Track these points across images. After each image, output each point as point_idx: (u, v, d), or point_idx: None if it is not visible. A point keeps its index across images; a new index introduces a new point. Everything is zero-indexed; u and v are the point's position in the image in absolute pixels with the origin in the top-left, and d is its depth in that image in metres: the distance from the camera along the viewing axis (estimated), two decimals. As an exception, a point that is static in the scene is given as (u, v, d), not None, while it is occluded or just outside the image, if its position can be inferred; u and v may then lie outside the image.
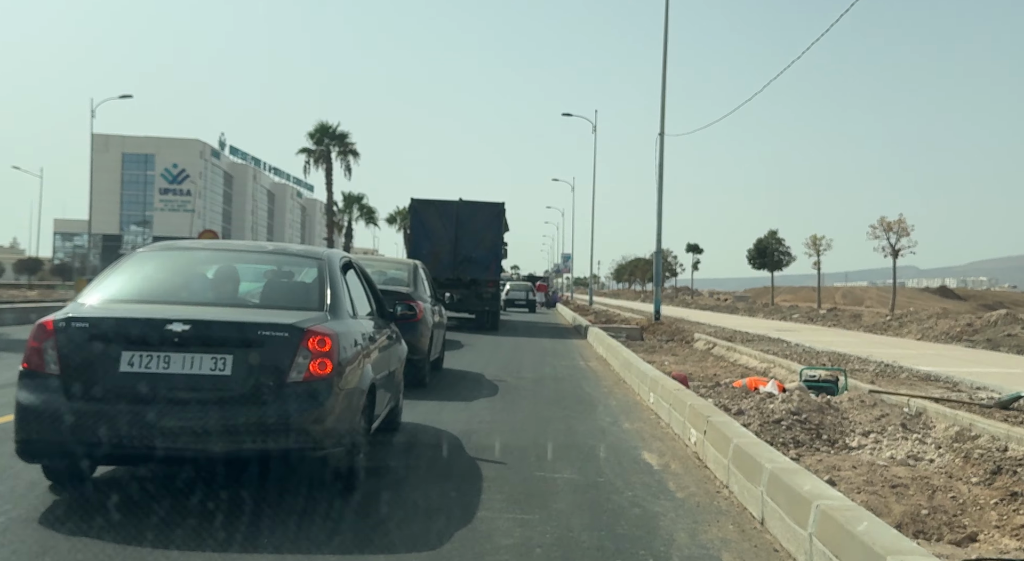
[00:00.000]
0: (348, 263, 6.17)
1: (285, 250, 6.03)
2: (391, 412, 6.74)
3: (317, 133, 51.99)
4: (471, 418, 7.76)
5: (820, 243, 46.98)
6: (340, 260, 5.86)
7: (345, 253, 6.29)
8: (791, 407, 6.93)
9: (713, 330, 21.07)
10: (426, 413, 8.12)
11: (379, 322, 6.47)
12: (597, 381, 11.50)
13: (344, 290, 5.58)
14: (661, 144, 24.71)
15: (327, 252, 5.83)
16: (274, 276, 5.82)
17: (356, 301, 6.07)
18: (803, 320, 29.58)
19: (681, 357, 15.61)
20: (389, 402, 6.46)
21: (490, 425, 7.38)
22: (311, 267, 5.71)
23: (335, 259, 5.76)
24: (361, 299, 6.32)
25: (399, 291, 10.11)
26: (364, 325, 5.68)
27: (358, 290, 6.34)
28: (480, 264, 22.31)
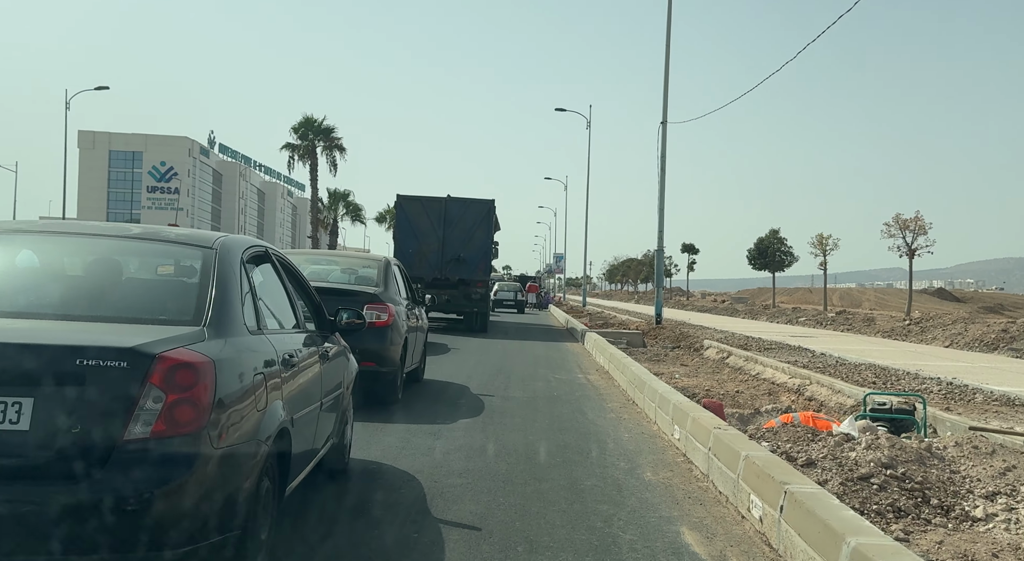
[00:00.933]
0: (260, 255, 4.24)
1: (156, 235, 4.09)
2: (334, 450, 5.02)
3: (301, 127, 49.89)
4: (442, 462, 5.81)
5: (827, 242, 45.05)
6: (244, 250, 3.93)
7: (258, 241, 4.34)
8: (881, 457, 4.99)
9: (723, 335, 19.16)
10: (387, 447, 6.25)
11: (313, 336, 4.62)
12: (601, 402, 9.55)
13: (239, 293, 3.66)
14: (663, 133, 22.84)
15: (221, 238, 3.91)
16: (132, 272, 3.88)
17: (269, 308, 4.12)
18: (812, 324, 27.71)
19: (692, 368, 13.69)
20: (328, 439, 4.79)
21: (465, 476, 5.42)
22: (192, 260, 3.78)
23: (233, 248, 3.84)
24: (280, 306, 4.38)
25: (365, 291, 8.62)
26: (277, 343, 3.80)
27: (276, 293, 4.39)
28: (468, 264, 21.26)
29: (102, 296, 3.57)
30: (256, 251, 4.14)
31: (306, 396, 4.14)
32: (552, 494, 5.07)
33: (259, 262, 4.23)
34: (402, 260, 19.55)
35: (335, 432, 4.98)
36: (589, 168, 49.48)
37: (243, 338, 3.43)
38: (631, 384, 10.04)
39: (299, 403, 3.96)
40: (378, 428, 7.04)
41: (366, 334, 7.86)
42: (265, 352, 3.59)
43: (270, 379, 3.51)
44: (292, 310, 4.47)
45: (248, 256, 3.95)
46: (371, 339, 7.97)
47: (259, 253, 4.20)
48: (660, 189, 22.85)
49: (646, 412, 8.57)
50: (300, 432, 3.93)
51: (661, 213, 22.96)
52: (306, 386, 4.17)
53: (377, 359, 8.08)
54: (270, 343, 3.71)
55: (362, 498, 4.85)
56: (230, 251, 3.76)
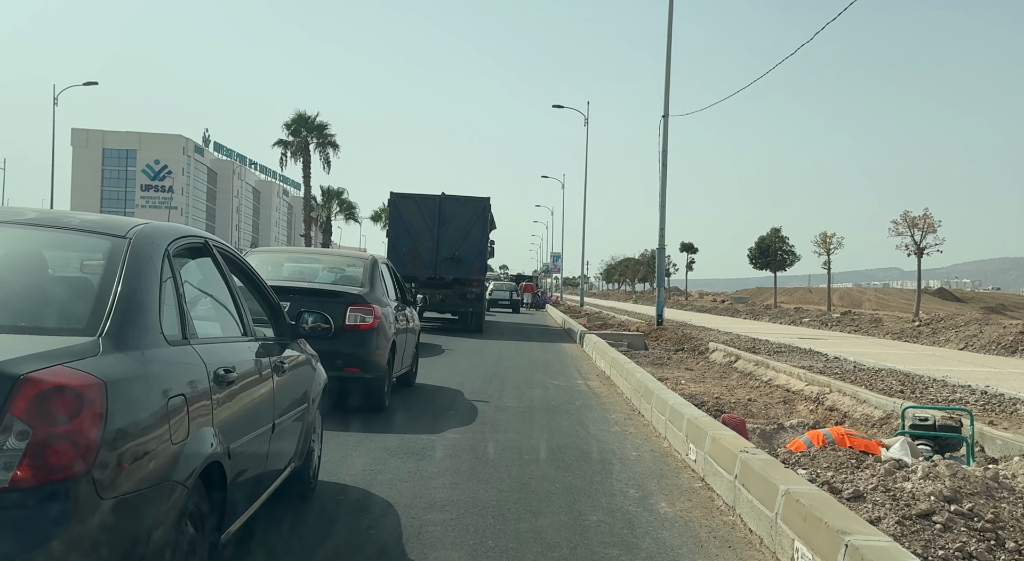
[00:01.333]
0: (195, 248, 3.46)
1: (55, 221, 3.28)
2: (296, 475, 4.35)
3: (294, 124, 49.04)
4: (423, 489, 4.99)
5: (831, 241, 44.13)
6: (170, 242, 3.14)
7: (194, 231, 3.53)
8: (942, 489, 4.18)
9: (728, 338, 18.35)
10: (363, 468, 5.49)
11: (267, 344, 3.93)
12: (604, 413, 8.73)
13: (156, 295, 2.85)
14: (665, 127, 22.04)
15: (139, 226, 3.11)
16: (17, 268, 3.06)
17: (205, 313, 3.43)
18: (817, 325, 26.91)
19: (698, 372, 12.89)
20: (288, 463, 4.13)
21: (448, 509, 4.60)
22: (97, 252, 2.97)
23: (153, 239, 3.05)
24: (222, 309, 3.62)
25: (349, 292, 8.04)
26: (209, 355, 3.06)
27: (217, 294, 3.64)
28: (464, 263, 20.77)
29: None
30: (188, 243, 3.35)
31: (251, 418, 3.39)
32: (551, 533, 4.24)
33: (193, 256, 3.47)
34: (396, 259, 19.34)
35: (297, 454, 4.28)
36: (587, 166, 48.81)
37: (157, 350, 2.68)
38: (636, 392, 9.23)
39: (240, 428, 3.21)
40: (357, 443, 6.23)
41: (350, 338, 7.59)
42: (189, 367, 2.85)
43: (195, 402, 2.77)
44: (237, 314, 3.69)
45: (177, 249, 3.17)
46: (355, 343, 7.60)
47: (193, 246, 3.43)
48: (661, 185, 22.06)
49: (654, 425, 7.76)
50: (241, 463, 3.20)
51: (662, 210, 22.17)
52: (251, 406, 3.40)
53: (361, 364, 7.60)
54: (198, 356, 2.95)
55: (321, 540, 4.02)
56: (148, 242, 2.98)
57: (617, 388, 10.85)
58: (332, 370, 7.45)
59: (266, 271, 8.56)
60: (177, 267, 3.11)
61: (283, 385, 3.88)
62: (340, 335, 7.43)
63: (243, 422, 3.25)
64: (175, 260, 3.10)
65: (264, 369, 3.63)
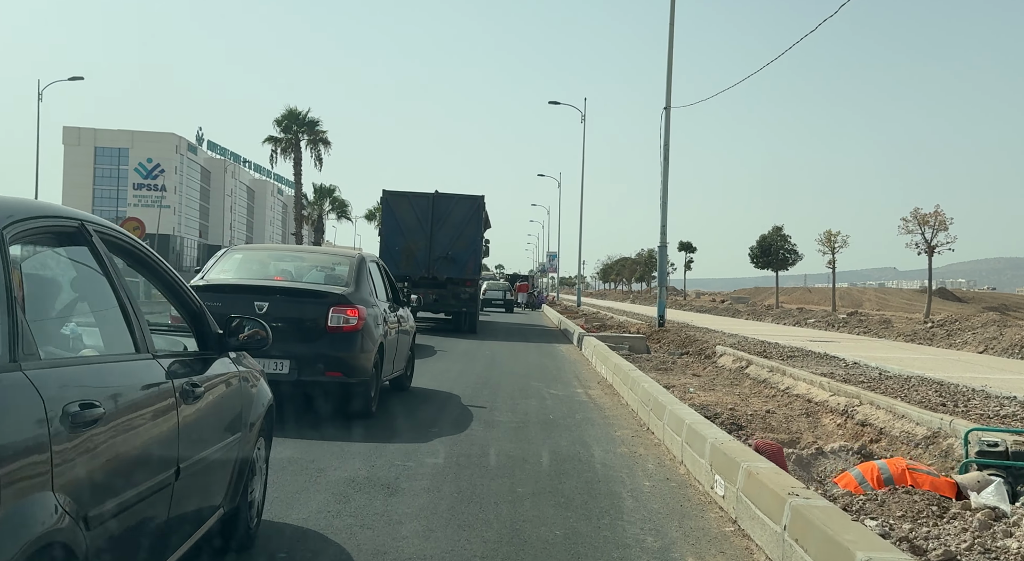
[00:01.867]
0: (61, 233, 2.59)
1: None
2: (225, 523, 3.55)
3: (285, 120, 47.92)
4: (391, 538, 3.99)
5: (835, 240, 43.07)
6: (3, 224, 2.22)
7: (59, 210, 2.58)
8: (1062, 551, 3.18)
9: (735, 340, 17.35)
10: (321, 504, 4.53)
11: (176, 363, 2.99)
12: (608, 430, 7.73)
13: None
14: (667, 119, 21.02)
15: None
16: None
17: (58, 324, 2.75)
18: (823, 326, 25.93)
19: (706, 379, 11.90)
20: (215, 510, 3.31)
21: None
22: None
23: None
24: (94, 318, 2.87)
25: (332, 292, 7.55)
26: (57, 384, 2.17)
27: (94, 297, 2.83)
28: (457, 262, 20.48)
29: None
30: (45, 227, 2.44)
31: (135, 466, 2.49)
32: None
33: (59, 245, 2.66)
34: (389, 258, 18.70)
35: (227, 497, 3.44)
36: (584, 163, 47.64)
37: None
38: (644, 405, 8.24)
39: (113, 482, 2.33)
40: (318, 471, 5.25)
41: (332, 340, 7.24)
42: (12, 405, 1.95)
43: (14, 458, 1.87)
44: (127, 324, 2.73)
45: (21, 235, 2.28)
46: (338, 346, 7.26)
47: (59, 231, 2.54)
48: (663, 180, 21.06)
49: (667, 445, 6.76)
50: (114, 530, 2.29)
51: (664, 206, 21.17)
52: (135, 449, 2.49)
53: (344, 368, 7.24)
54: (32, 388, 2.01)
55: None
56: None
57: (621, 398, 9.85)
58: (313, 375, 7.15)
59: (248, 270, 8.25)
60: (24, 259, 2.39)
61: (198, 414, 2.99)
62: (322, 337, 7.23)
63: (119, 474, 2.37)
64: (20, 248, 2.35)
65: (163, 396, 2.73)
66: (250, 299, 7.20)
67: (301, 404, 7.43)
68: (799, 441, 7.89)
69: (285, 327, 6.96)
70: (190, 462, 2.86)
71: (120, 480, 2.38)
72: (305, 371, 7.15)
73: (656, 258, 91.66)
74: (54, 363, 2.25)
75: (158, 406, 2.66)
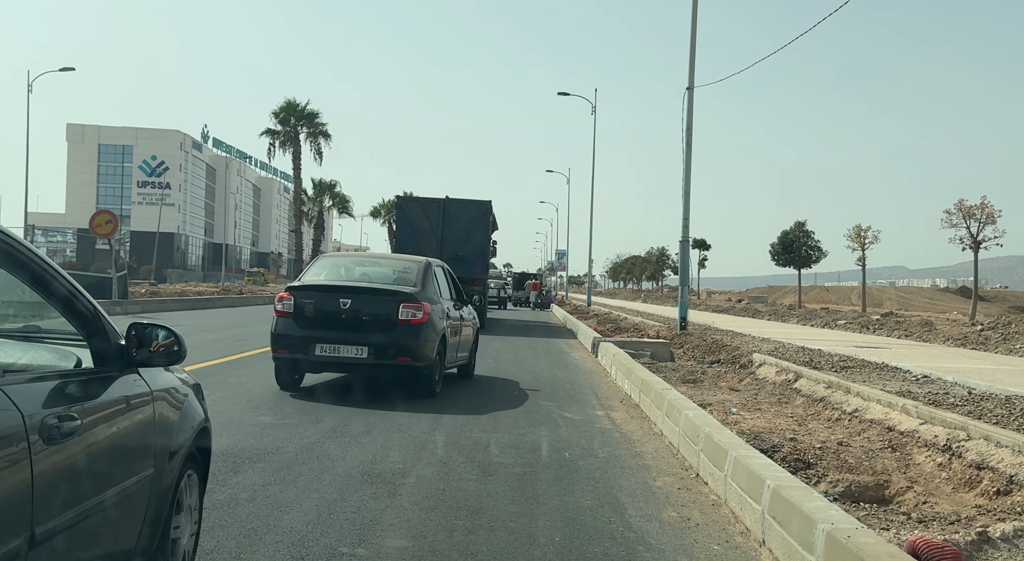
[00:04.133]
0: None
1: None
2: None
3: (283, 112, 46.08)
4: None
5: (865, 235, 40.66)
6: None
7: None
8: None
9: (771, 346, 15.34)
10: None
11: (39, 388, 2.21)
12: (644, 477, 5.77)
13: None
14: (690, 101, 19.05)
15: None
16: None
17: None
18: (855, 328, 23.87)
19: (747, 395, 9.96)
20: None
21: None
22: None
23: None
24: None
25: (402, 291, 8.87)
26: None
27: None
28: (467, 262, 21.43)
29: None
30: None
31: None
32: None
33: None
34: None
35: (139, 547, 2.75)
36: (595, 156, 45.66)
37: None
38: (689, 441, 6.29)
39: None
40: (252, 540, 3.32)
41: (402, 331, 8.55)
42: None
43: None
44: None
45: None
46: (407, 335, 8.55)
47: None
48: (685, 167, 19.07)
49: (734, 509, 4.81)
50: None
51: (686, 196, 19.19)
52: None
53: (412, 354, 8.55)
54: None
55: None
56: None
57: (653, 425, 7.91)
58: (386, 359, 8.52)
59: (335, 273, 9.63)
60: None
61: (70, 454, 2.22)
62: (394, 328, 8.53)
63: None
64: None
65: (7, 437, 1.93)
66: (336, 297, 8.63)
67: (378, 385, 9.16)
68: (889, 485, 5.95)
69: (364, 320, 8.57)
70: (56, 522, 2.13)
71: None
72: (380, 356, 8.50)
73: (668, 256, 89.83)
74: None
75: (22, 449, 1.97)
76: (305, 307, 8.66)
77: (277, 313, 8.79)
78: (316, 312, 8.63)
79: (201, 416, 3.30)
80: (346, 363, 8.58)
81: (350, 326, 8.53)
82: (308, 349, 8.48)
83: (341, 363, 8.61)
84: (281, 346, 8.65)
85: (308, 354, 8.49)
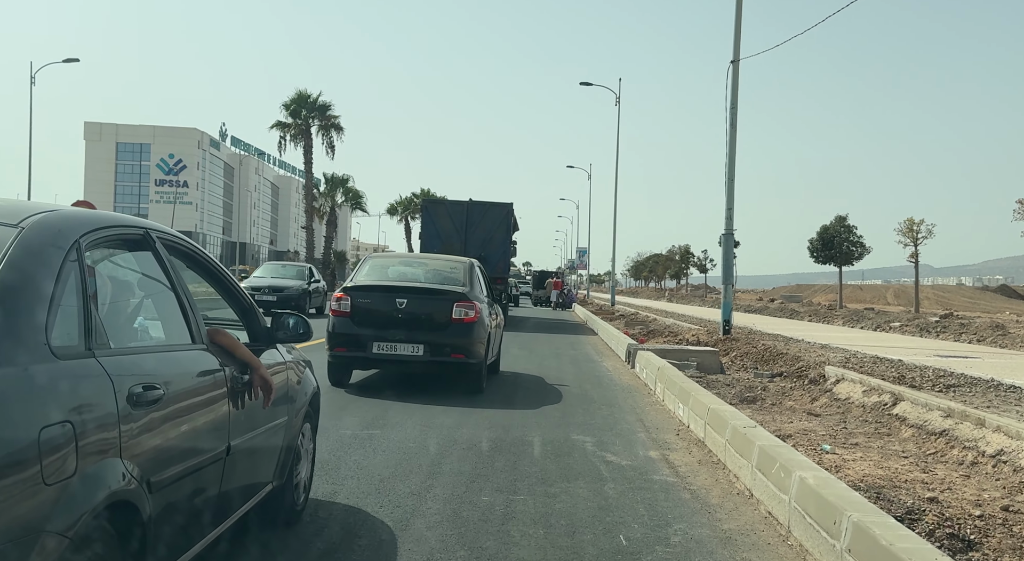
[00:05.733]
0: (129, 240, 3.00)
1: None
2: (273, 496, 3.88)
3: (294, 104, 44.16)
4: None
5: (919, 229, 37.79)
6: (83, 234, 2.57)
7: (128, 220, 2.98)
8: None
9: (841, 356, 13.06)
10: None
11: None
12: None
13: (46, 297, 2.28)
14: (734, 74, 16.81)
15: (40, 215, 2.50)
16: None
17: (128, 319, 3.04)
18: (914, 331, 21.49)
19: (830, 422, 7.80)
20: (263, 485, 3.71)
21: None
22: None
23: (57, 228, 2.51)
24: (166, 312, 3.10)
25: (454, 291, 9.12)
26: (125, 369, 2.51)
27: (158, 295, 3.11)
28: (489, 262, 21.57)
29: None
30: (115, 235, 2.80)
31: (191, 440, 2.83)
32: None
33: (127, 250, 3.00)
34: None
35: (276, 474, 3.85)
36: (619, 148, 43.33)
37: (34, 367, 2.07)
38: (811, 521, 4.11)
39: (172, 454, 2.66)
40: None
41: (456, 329, 8.88)
42: (85, 386, 2.27)
43: (90, 429, 2.18)
44: (184, 318, 3.06)
45: (95, 242, 2.61)
46: (460, 334, 8.88)
47: (127, 238, 2.92)
48: (728, 151, 16.85)
49: None
50: (174, 496, 2.65)
51: (730, 183, 16.97)
52: (192, 426, 2.84)
53: (466, 352, 8.87)
54: (104, 371, 2.35)
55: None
56: (45, 233, 2.38)
57: (732, 476, 5.72)
58: (441, 356, 8.79)
59: (384, 273, 10.02)
60: (96, 263, 2.69)
61: (245, 398, 3.34)
62: (448, 327, 8.90)
63: (177, 447, 2.71)
64: (92, 254, 2.61)
65: (215, 381, 3.09)
66: (392, 297, 8.95)
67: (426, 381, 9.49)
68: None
69: (420, 319, 8.88)
70: (240, 441, 3.23)
71: (178, 453, 2.69)
72: (435, 353, 8.78)
73: (693, 253, 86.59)
74: (122, 351, 2.59)
75: (211, 390, 3.02)
76: (362, 307, 8.94)
77: (333, 312, 9.09)
78: (373, 311, 8.93)
79: (314, 384, 4.44)
80: (403, 361, 8.83)
81: (406, 325, 8.81)
82: (366, 347, 8.76)
83: (398, 361, 8.84)
84: (339, 344, 8.90)
85: (366, 352, 8.77)
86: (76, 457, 2.06)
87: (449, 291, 9.09)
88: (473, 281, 9.65)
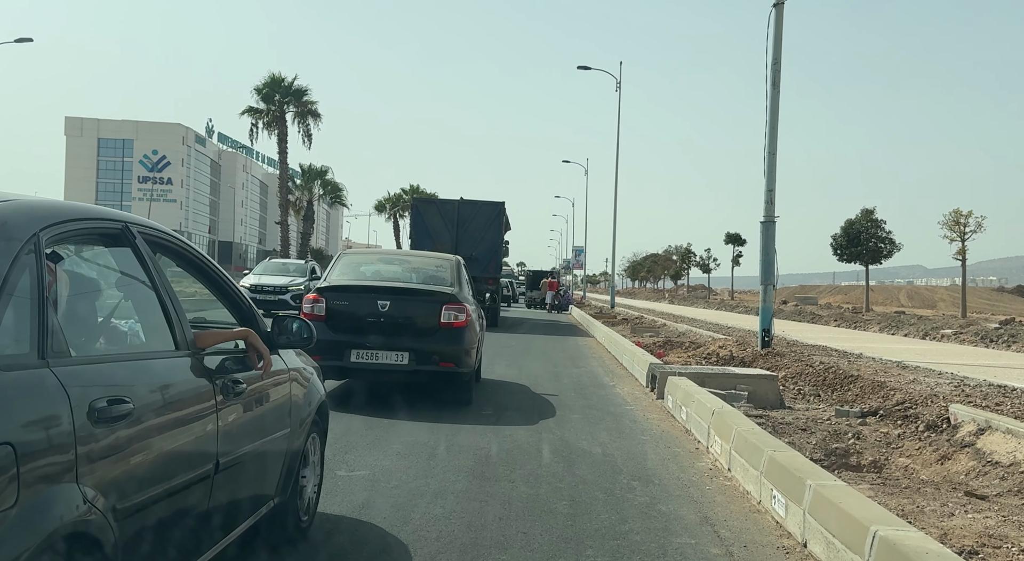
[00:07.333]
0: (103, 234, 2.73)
1: None
2: (276, 513, 3.65)
3: (267, 88, 40.66)
4: None
5: (966, 222, 34.04)
6: (41, 226, 2.31)
7: (103, 213, 2.67)
8: None
9: (951, 384, 9.64)
10: None
11: (219, 360, 3.06)
12: None
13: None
14: (778, 19, 13.42)
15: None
16: None
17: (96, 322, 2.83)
18: (975, 341, 18.17)
19: (1011, 511, 4.41)
20: (263, 502, 3.47)
21: None
22: None
23: (7, 221, 2.24)
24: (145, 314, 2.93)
25: (443, 292, 8.31)
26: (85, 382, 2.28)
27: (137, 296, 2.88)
28: (480, 262, 21.59)
29: None
30: (84, 229, 2.53)
31: (170, 458, 2.54)
32: None
33: (100, 245, 2.77)
34: None
35: (278, 489, 3.57)
36: (619, 138, 39.88)
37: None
38: None
39: (145, 475, 2.39)
40: None
41: (445, 334, 8.04)
42: (35, 401, 2.01)
43: (36, 452, 1.93)
44: (167, 321, 2.78)
45: (58, 236, 2.35)
46: (450, 340, 8.00)
47: (101, 232, 2.63)
48: (769, 117, 13.45)
49: None
50: (147, 521, 2.38)
51: (771, 158, 13.59)
52: (169, 442, 2.54)
53: (456, 360, 8.01)
54: (59, 383, 2.08)
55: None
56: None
57: None
58: (429, 365, 7.99)
59: (363, 272, 9.31)
60: (59, 260, 2.42)
61: (239, 410, 3.08)
62: (436, 332, 8.01)
63: (151, 467, 2.42)
64: (57, 249, 2.43)
65: (201, 392, 2.80)
66: (374, 298, 8.13)
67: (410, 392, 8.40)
68: None
69: (404, 323, 8.09)
70: (231, 456, 2.94)
71: (153, 473, 2.41)
72: (422, 362, 7.94)
73: (694, 253, 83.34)
74: (85, 360, 2.33)
75: (195, 401, 2.73)
76: (338, 309, 8.09)
77: (306, 316, 7.91)
78: (351, 315, 8.08)
79: (321, 392, 4.19)
80: (384, 370, 7.95)
81: (389, 330, 7.99)
82: (343, 355, 7.84)
83: (379, 370, 7.95)
84: (312, 352, 6.94)
85: (343, 360, 7.85)
86: (17, 485, 1.84)
87: (437, 292, 8.32)
88: (461, 280, 8.98)
